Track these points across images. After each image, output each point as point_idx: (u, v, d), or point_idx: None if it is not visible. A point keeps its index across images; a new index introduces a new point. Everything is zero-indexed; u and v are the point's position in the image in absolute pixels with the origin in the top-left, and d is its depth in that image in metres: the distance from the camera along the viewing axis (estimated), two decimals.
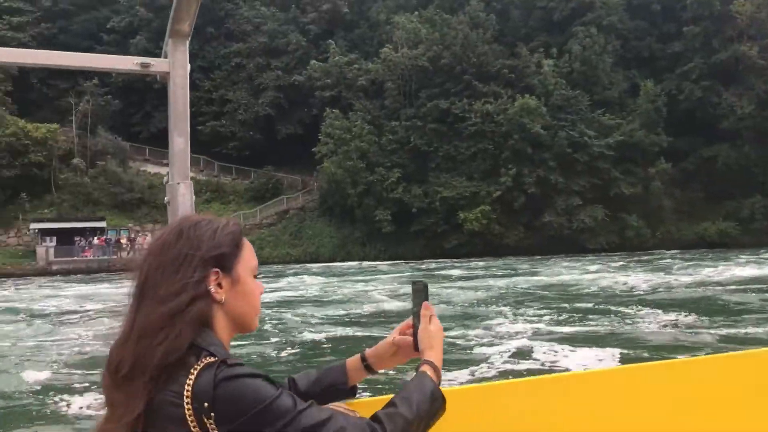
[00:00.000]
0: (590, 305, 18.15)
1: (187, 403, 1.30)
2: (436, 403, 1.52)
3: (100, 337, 14.30)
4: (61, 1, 65.75)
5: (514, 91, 56.84)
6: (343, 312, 18.73)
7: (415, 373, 1.56)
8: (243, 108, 63.18)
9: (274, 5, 67.02)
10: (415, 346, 1.68)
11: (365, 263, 49.28)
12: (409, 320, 1.73)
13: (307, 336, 14.78)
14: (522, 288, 24.60)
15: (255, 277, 1.52)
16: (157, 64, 2.20)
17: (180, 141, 2.21)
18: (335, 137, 55.99)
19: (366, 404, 1.81)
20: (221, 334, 1.44)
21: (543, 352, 11.32)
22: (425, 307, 1.67)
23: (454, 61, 56.67)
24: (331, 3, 64.00)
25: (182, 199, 2.16)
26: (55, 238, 51.47)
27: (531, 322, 15.08)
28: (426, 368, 1.57)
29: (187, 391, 1.31)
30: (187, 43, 2.19)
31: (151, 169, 62.58)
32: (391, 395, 1.55)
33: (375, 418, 1.43)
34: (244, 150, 63.76)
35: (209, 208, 61.99)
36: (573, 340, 12.34)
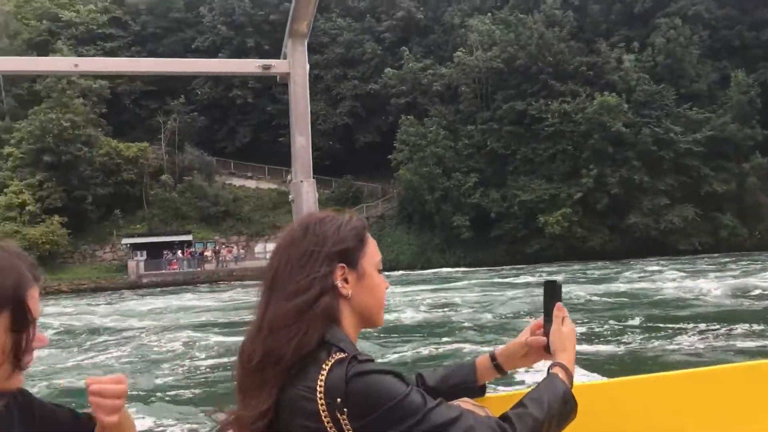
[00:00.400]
0: (639, 319, 17.09)
1: (320, 398, 1.32)
2: (568, 406, 1.50)
3: (128, 358, 14.72)
4: (149, 26, 69.01)
5: (593, 89, 54.98)
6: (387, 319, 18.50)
7: (545, 375, 1.54)
8: (322, 118, 64.13)
9: (350, 16, 67.81)
10: (547, 347, 1.66)
11: (444, 270, 48.84)
12: (540, 320, 1.71)
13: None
14: (585, 296, 23.54)
15: (379, 272, 1.54)
16: (277, 65, 2.21)
17: (301, 139, 2.21)
18: (410, 144, 55.97)
19: (494, 400, 1.79)
20: (348, 329, 1.47)
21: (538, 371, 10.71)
22: (558, 308, 1.65)
23: (530, 61, 55.45)
24: (405, 10, 64.10)
25: (306, 197, 2.16)
26: (145, 252, 53.84)
27: None
28: (557, 370, 1.56)
29: (320, 386, 1.33)
30: (306, 42, 2.20)
31: (236, 182, 64.70)
32: (517, 391, 1.59)
33: (504, 417, 1.42)
34: (324, 160, 64.49)
35: (291, 219, 63.36)
36: (582, 361, 11.66)
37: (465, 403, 1.64)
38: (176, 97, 63.58)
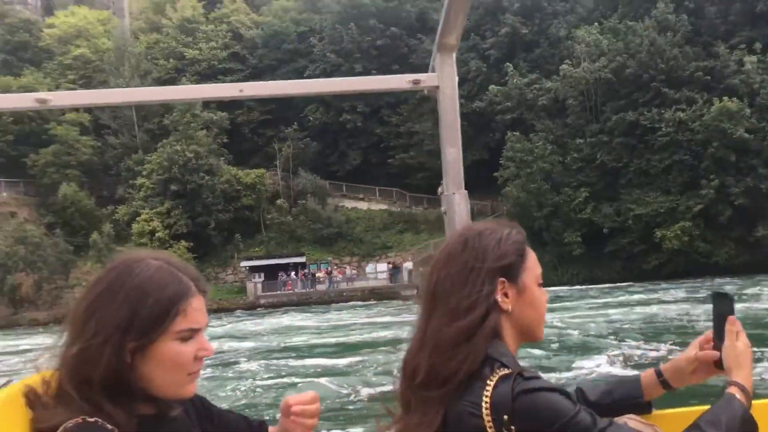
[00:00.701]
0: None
1: (486, 415, 1.32)
2: (747, 429, 1.42)
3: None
4: (265, 58, 72.56)
5: (710, 94, 52.03)
6: None
7: (721, 395, 1.46)
8: (429, 138, 64.57)
9: None
10: (717, 364, 1.58)
11: (558, 288, 47.54)
12: (709, 333, 1.63)
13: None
14: (687, 316, 22.37)
15: (539, 285, 1.54)
16: (426, 79, 2.25)
17: (452, 151, 2.22)
18: (516, 160, 55.36)
19: (662, 418, 1.73)
20: (510, 344, 1.47)
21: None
22: (731, 322, 1.55)
23: (640, 70, 53.37)
24: (509, 26, 63.64)
25: (458, 209, 2.17)
26: (263, 274, 56.27)
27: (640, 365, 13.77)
28: (734, 390, 1.46)
29: (486, 402, 1.33)
30: (454, 55, 2.22)
31: (348, 204, 66.36)
32: (687, 408, 1.59)
33: None
34: (433, 179, 65.06)
35: (402, 239, 64.27)
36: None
37: (632, 420, 1.63)
38: (290, 125, 66.36)
